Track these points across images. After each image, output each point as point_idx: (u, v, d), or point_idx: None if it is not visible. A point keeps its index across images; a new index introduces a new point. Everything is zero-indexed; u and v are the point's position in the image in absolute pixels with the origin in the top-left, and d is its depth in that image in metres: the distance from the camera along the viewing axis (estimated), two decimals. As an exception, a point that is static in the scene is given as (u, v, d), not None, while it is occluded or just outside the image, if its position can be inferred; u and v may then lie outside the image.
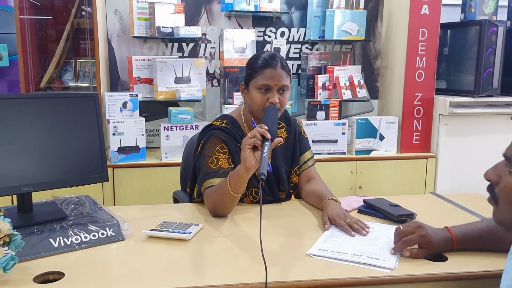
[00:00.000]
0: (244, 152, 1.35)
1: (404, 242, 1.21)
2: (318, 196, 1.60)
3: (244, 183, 1.43)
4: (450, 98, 2.79)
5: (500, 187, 0.96)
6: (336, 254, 1.20)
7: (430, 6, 2.79)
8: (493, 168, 0.99)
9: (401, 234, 1.24)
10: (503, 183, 0.95)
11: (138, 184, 2.62)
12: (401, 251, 1.23)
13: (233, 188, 1.43)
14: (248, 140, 1.36)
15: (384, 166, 2.84)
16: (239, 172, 1.40)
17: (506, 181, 0.94)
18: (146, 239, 1.31)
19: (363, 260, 1.17)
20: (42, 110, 1.32)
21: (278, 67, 1.58)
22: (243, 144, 1.37)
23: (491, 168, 0.99)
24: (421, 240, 1.21)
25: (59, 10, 2.89)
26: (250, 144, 1.35)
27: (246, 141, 1.37)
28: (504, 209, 0.96)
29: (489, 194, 1.03)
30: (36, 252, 1.16)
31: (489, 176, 0.99)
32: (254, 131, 1.36)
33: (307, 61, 2.93)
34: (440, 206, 1.68)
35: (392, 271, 1.13)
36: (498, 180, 0.97)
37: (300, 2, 3.00)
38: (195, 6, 2.91)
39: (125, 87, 2.91)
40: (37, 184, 1.30)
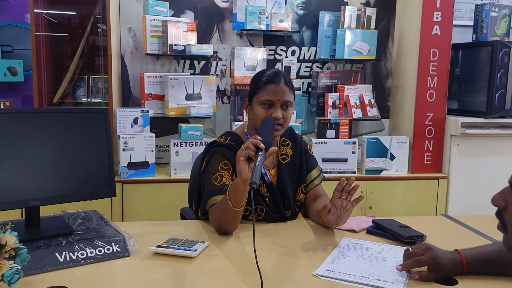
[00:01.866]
0: (239, 164, 1.35)
1: (414, 261, 1.19)
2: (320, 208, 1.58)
3: (244, 196, 1.41)
4: (462, 119, 2.77)
5: (508, 213, 0.93)
6: (344, 275, 1.18)
7: (442, 27, 2.79)
8: (500, 193, 0.95)
9: (410, 255, 1.21)
10: (511, 208, 0.92)
11: (147, 200, 2.62)
12: (409, 270, 1.20)
13: (233, 203, 1.42)
14: (242, 152, 1.36)
15: (394, 186, 2.81)
16: (237, 185, 1.39)
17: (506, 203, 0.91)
18: (151, 255, 1.30)
19: (371, 282, 1.15)
20: (52, 124, 1.33)
21: (282, 83, 1.59)
22: (237, 156, 1.37)
23: (497, 193, 0.96)
24: (431, 262, 1.18)
25: (74, 27, 2.95)
26: (244, 156, 1.35)
27: (240, 153, 1.37)
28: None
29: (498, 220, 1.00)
30: (42, 266, 1.16)
31: (496, 201, 0.95)
32: (247, 143, 1.36)
33: (317, 80, 2.94)
34: (450, 228, 1.65)
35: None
36: (506, 205, 0.94)
37: (311, 21, 3.02)
38: (208, 25, 2.95)
39: (136, 103, 2.94)
40: (45, 198, 1.30)
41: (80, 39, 2.89)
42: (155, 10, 2.74)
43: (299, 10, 3.02)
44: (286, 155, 1.72)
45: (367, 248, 1.38)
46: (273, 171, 1.70)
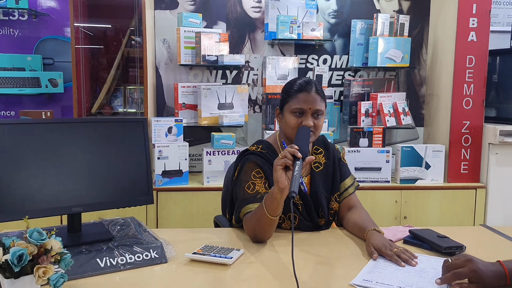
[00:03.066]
0: (276, 173, 1.35)
1: (454, 274, 1.16)
2: (360, 226, 1.56)
3: (280, 204, 1.42)
4: (500, 127, 2.69)
5: None
6: (381, 286, 1.17)
7: (478, 33, 2.73)
8: None
9: (450, 267, 1.18)
10: None
11: (181, 208, 2.66)
12: (449, 284, 1.17)
13: (270, 211, 1.42)
14: (279, 161, 1.36)
15: (430, 196, 2.75)
16: (273, 194, 1.39)
17: None
18: (188, 262, 1.32)
19: None
20: (93, 134, 1.38)
21: (313, 92, 1.60)
22: (274, 165, 1.37)
23: None
24: (472, 274, 1.15)
25: (111, 40, 3.05)
26: (281, 165, 1.35)
27: (277, 161, 1.37)
28: None
29: None
30: (83, 271, 1.19)
31: None
32: (285, 151, 1.37)
33: (349, 88, 2.92)
34: (491, 239, 1.60)
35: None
36: None
37: (343, 30, 3.02)
38: (240, 35, 2.99)
39: (170, 112, 3.00)
40: (86, 205, 1.35)
41: (117, 51, 2.98)
42: (189, 21, 2.80)
43: (330, 18, 3.02)
44: (319, 163, 1.72)
45: None
46: (306, 179, 1.70)
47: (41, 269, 1.00)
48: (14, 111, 2.95)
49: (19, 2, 2.69)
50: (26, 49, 2.92)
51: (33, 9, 2.84)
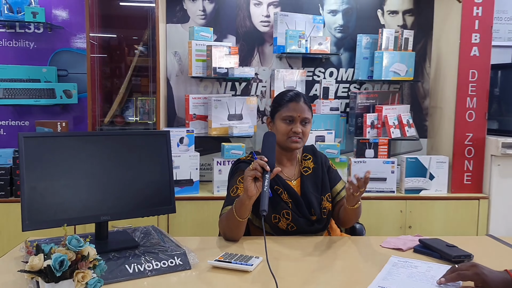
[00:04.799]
0: (246, 182, 1.51)
1: (457, 274, 1.24)
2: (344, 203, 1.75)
3: (247, 209, 1.57)
4: (503, 139, 2.77)
5: None
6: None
7: (480, 48, 2.82)
8: None
9: (456, 270, 1.26)
10: None
11: (191, 216, 2.73)
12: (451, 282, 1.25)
13: (238, 214, 1.57)
14: (250, 172, 1.51)
15: (434, 206, 2.82)
16: (242, 200, 1.55)
17: None
18: (210, 268, 1.39)
19: None
20: (120, 146, 1.46)
21: (301, 102, 1.79)
22: (245, 175, 1.53)
23: None
24: (475, 277, 1.22)
25: (124, 51, 3.13)
26: (252, 176, 1.50)
27: (247, 172, 1.52)
28: None
29: None
30: (114, 276, 1.26)
31: None
32: (255, 164, 1.51)
33: (355, 100, 3.00)
34: (497, 248, 1.67)
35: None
36: None
37: (349, 44, 3.11)
38: (249, 48, 3.08)
39: (180, 123, 3.07)
40: (114, 213, 1.42)
41: (130, 63, 3.07)
42: (201, 35, 2.88)
43: (337, 33, 3.11)
44: (308, 167, 1.88)
45: (415, 267, 1.43)
46: (295, 182, 1.85)
47: (80, 274, 1.07)
48: (29, 121, 3.03)
49: (36, 16, 2.78)
50: (41, 61, 3.00)
51: (48, 22, 2.93)
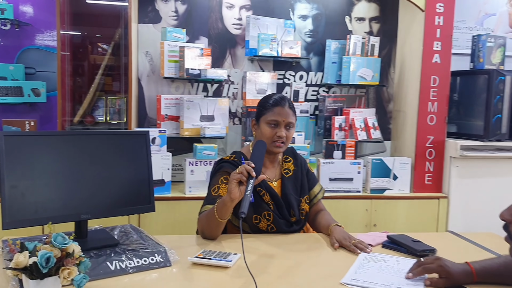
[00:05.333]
0: (231, 185, 1.53)
1: (423, 268, 1.34)
2: (325, 224, 1.82)
3: (228, 211, 1.59)
4: (461, 142, 2.93)
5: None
6: (368, 284, 1.32)
7: (441, 55, 2.98)
8: (508, 209, 1.10)
9: (421, 264, 1.36)
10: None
11: (163, 216, 2.74)
12: (418, 276, 1.35)
13: (219, 214, 1.60)
14: (236, 175, 1.53)
15: (397, 205, 2.96)
16: (225, 201, 1.57)
17: None
18: (190, 265, 1.43)
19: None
20: (100, 146, 1.47)
21: (286, 107, 1.82)
22: (230, 178, 1.54)
23: (506, 209, 1.10)
24: (439, 269, 1.33)
25: (94, 50, 3.11)
26: (237, 179, 1.52)
27: (233, 175, 1.54)
28: None
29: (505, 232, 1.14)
30: (96, 274, 1.28)
31: (504, 216, 1.10)
32: (242, 168, 1.54)
33: (324, 103, 3.10)
34: (457, 243, 1.79)
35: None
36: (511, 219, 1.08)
37: (319, 48, 3.21)
38: (221, 50, 3.12)
39: (152, 123, 3.07)
40: (94, 212, 1.43)
41: (100, 62, 3.04)
42: (173, 36, 2.90)
43: (307, 37, 3.21)
44: (288, 169, 1.93)
45: (384, 261, 1.52)
46: (276, 183, 1.90)
47: (66, 270, 1.08)
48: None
49: (4, 12, 2.71)
50: (8, 58, 2.93)
51: (16, 19, 2.86)
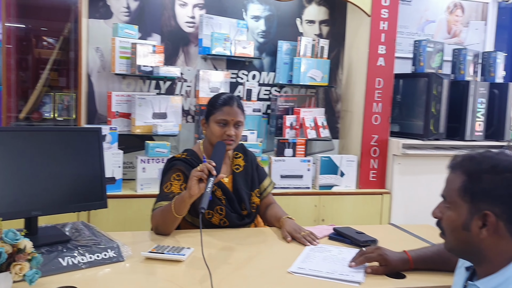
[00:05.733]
0: (191, 182, 1.57)
1: (364, 257, 1.44)
2: (276, 216, 1.92)
3: (186, 207, 1.64)
4: (403, 140, 3.11)
5: (443, 221, 1.18)
6: (314, 272, 1.42)
7: (386, 59, 3.15)
8: (437, 207, 1.21)
9: (363, 253, 1.47)
10: (445, 217, 1.17)
11: (113, 215, 2.71)
12: (360, 264, 1.45)
13: (176, 210, 1.64)
14: (196, 173, 1.58)
15: (344, 201, 3.09)
16: (184, 197, 1.62)
17: (446, 215, 1.16)
18: (143, 260, 1.45)
19: (336, 276, 1.40)
20: (52, 142, 1.46)
21: (235, 106, 1.88)
22: (191, 175, 1.59)
23: (435, 207, 1.22)
24: (379, 258, 1.44)
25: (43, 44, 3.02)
26: (197, 176, 1.58)
27: (194, 172, 1.59)
28: (449, 238, 1.17)
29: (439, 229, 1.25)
30: (48, 270, 1.27)
31: (435, 214, 1.21)
32: (203, 166, 1.60)
33: (276, 102, 3.19)
34: (398, 234, 1.93)
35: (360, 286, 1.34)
36: (441, 216, 1.19)
37: (271, 49, 3.29)
38: (173, 48, 3.13)
39: (102, 120, 3.03)
40: (45, 209, 1.42)
41: (48, 56, 2.96)
42: (125, 32, 2.87)
43: (259, 38, 3.28)
44: (238, 165, 2.01)
45: (329, 251, 1.63)
46: (227, 179, 1.96)
47: (17, 266, 1.08)
48: None
49: None
50: None
51: (-44, 9, 2.73)
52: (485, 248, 1.06)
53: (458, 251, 1.16)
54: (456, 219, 1.10)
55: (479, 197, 1.05)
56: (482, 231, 1.05)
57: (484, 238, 1.05)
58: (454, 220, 1.10)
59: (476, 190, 1.06)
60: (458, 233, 1.10)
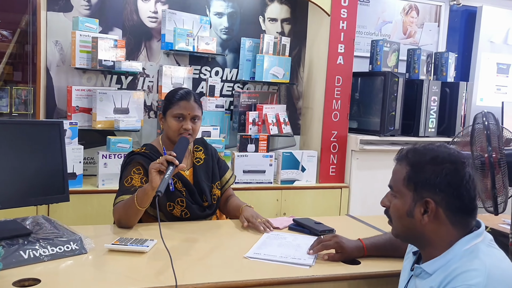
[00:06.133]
0: (151, 175, 1.62)
1: (322, 245, 1.52)
2: (236, 206, 1.99)
3: (149, 199, 1.67)
4: (361, 136, 3.23)
5: (390, 209, 1.28)
6: (268, 256, 1.51)
7: (344, 57, 3.26)
8: (385, 196, 1.31)
9: (320, 241, 1.55)
10: (392, 205, 1.26)
11: (74, 210, 2.68)
12: (318, 252, 1.54)
13: (139, 203, 1.67)
14: (155, 165, 1.62)
15: (305, 195, 3.18)
16: (146, 190, 1.65)
17: (392, 203, 1.25)
18: (106, 252, 1.46)
19: (288, 260, 1.49)
20: (11, 135, 1.45)
21: (192, 100, 1.92)
22: (150, 168, 1.63)
23: (384, 196, 1.31)
24: (336, 245, 1.52)
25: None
26: (156, 169, 1.61)
27: (153, 165, 1.63)
28: (396, 224, 1.27)
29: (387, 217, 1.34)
30: (9, 263, 1.27)
31: (383, 203, 1.31)
32: (162, 159, 1.64)
33: (239, 99, 3.24)
34: (353, 224, 2.02)
35: (315, 271, 1.42)
36: (389, 204, 1.29)
37: (234, 46, 3.33)
38: (135, 42, 3.11)
39: (61, 115, 2.98)
40: (5, 202, 1.40)
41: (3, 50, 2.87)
42: (85, 26, 2.84)
43: (222, 34, 3.31)
44: (199, 158, 2.05)
45: (285, 238, 1.73)
46: (188, 172, 2.01)
47: (-23, 258, 1.08)
48: None
49: None
50: None
51: None
52: (427, 233, 1.16)
53: (403, 236, 1.25)
54: (401, 207, 1.19)
55: (421, 185, 1.15)
56: (424, 217, 1.14)
57: (426, 223, 1.15)
58: (400, 208, 1.20)
59: (418, 179, 1.15)
60: (404, 220, 1.19)
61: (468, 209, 1.13)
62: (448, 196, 1.12)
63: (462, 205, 1.12)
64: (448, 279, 1.06)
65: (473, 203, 1.13)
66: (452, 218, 1.13)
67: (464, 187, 1.11)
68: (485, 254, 1.07)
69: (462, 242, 1.11)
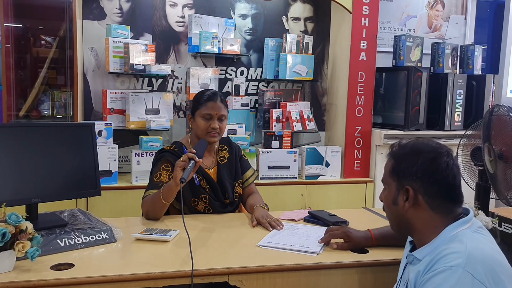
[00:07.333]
0: (176, 171, 1.76)
1: (330, 234, 1.62)
2: (252, 205, 2.07)
3: (173, 194, 1.80)
4: (385, 131, 3.27)
5: (383, 202, 1.36)
6: (278, 245, 1.63)
7: (367, 53, 3.30)
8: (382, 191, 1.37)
9: (329, 231, 1.64)
10: (383, 197, 1.34)
11: (110, 205, 2.87)
12: (327, 241, 1.63)
13: (164, 197, 1.81)
14: (180, 163, 1.77)
15: (329, 190, 3.26)
16: (170, 185, 1.79)
17: (383, 195, 1.34)
18: (134, 241, 1.61)
19: (297, 248, 1.60)
20: (50, 136, 1.63)
21: (218, 101, 2.05)
22: (175, 165, 1.77)
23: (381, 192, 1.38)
24: (343, 235, 1.61)
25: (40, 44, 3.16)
26: (180, 166, 1.76)
27: (178, 163, 1.78)
28: (387, 215, 1.36)
29: None
30: (47, 250, 1.44)
31: (380, 198, 1.39)
32: (185, 157, 1.79)
33: (263, 97, 3.35)
34: (369, 217, 2.09)
35: (323, 259, 1.52)
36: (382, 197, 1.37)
37: (258, 46, 3.44)
38: (165, 46, 3.28)
39: (98, 117, 3.19)
40: (44, 196, 1.58)
41: (45, 55, 3.11)
42: (118, 33, 3.02)
43: (246, 35, 3.43)
44: (223, 157, 2.17)
45: (297, 228, 1.83)
46: (212, 170, 2.13)
47: (20, 244, 1.24)
48: None
49: None
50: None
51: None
52: (410, 219, 1.24)
53: (395, 226, 1.34)
54: (388, 197, 1.29)
55: (402, 175, 1.24)
56: (406, 204, 1.23)
57: (408, 209, 1.24)
58: (387, 198, 1.29)
59: (400, 169, 1.24)
60: (391, 209, 1.29)
61: (449, 196, 1.21)
62: (425, 183, 1.21)
63: (440, 191, 1.20)
64: (432, 262, 1.14)
65: (453, 191, 1.21)
66: (431, 204, 1.21)
67: (440, 174, 1.20)
68: (468, 238, 1.14)
69: (448, 229, 1.18)
